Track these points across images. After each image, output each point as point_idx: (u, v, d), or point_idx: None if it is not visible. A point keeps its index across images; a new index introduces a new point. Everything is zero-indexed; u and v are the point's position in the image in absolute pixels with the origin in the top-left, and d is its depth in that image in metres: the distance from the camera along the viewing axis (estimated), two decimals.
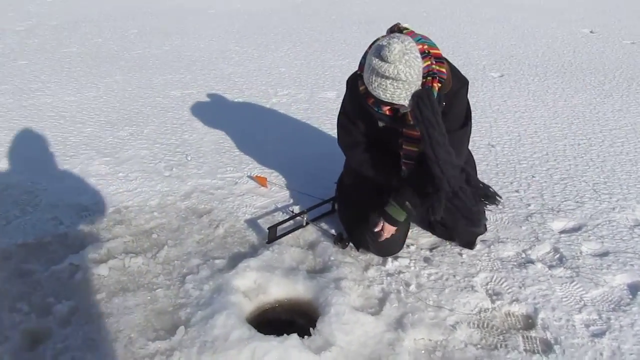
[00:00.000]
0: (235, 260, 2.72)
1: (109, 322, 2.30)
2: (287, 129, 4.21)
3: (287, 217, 2.94)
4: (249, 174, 3.52)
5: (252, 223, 3.04)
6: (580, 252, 2.89)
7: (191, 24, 8.12)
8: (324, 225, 3.00)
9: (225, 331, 2.27)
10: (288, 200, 3.25)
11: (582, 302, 2.57)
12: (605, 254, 2.90)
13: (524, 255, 2.87)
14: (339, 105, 2.65)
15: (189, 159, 3.66)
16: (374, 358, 2.22)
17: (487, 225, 2.99)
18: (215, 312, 2.36)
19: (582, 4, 9.86)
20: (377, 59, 2.11)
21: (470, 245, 2.86)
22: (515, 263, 2.81)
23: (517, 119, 4.55)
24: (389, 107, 2.29)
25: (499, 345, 2.33)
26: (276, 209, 3.17)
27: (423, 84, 2.19)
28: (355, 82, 2.44)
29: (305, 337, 2.27)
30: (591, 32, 7.67)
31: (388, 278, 2.67)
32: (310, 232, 2.97)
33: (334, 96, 4.80)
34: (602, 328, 2.42)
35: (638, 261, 2.84)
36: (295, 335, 2.25)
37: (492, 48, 6.75)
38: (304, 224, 2.94)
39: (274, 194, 3.31)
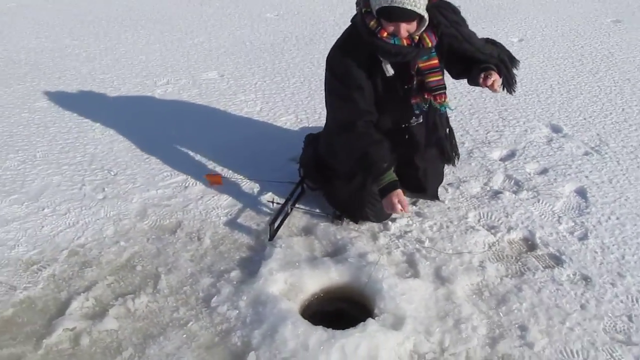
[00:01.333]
0: (248, 267, 2.52)
1: None
2: (195, 118, 3.87)
3: (277, 209, 2.78)
4: (197, 175, 3.19)
5: (234, 224, 2.81)
6: (529, 174, 3.26)
7: None
8: (303, 207, 2.90)
9: (301, 340, 2.12)
10: (252, 191, 3.05)
11: (556, 215, 2.94)
12: (545, 170, 3.31)
13: (488, 189, 3.14)
14: (228, 85, 2.54)
15: (114, 174, 3.18)
16: (442, 316, 2.28)
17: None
18: (275, 324, 2.18)
19: None
20: None
21: (434, 197, 3.01)
22: (487, 197, 3.07)
23: None
24: (407, 37, 2.26)
25: (523, 270, 2.56)
26: (247, 204, 2.96)
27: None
28: (351, 44, 2.37)
29: (376, 318, 2.22)
30: None
31: (400, 240, 2.72)
32: (297, 218, 2.86)
33: (216, 75, 4.53)
34: (583, 231, 2.80)
35: (570, 169, 3.30)
36: (371, 320, 2.20)
37: None
38: (289, 211, 2.81)
39: (233, 188, 3.08)
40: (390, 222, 2.83)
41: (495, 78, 2.34)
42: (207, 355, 2.12)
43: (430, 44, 2.34)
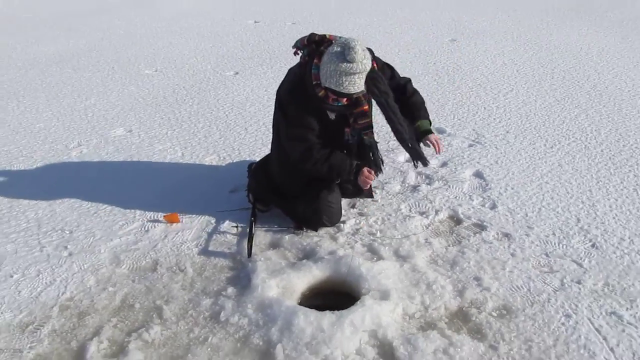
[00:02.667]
0: (239, 283, 2.83)
1: None
2: (124, 170, 3.99)
3: (247, 230, 3.13)
4: (152, 218, 3.40)
5: (207, 252, 3.08)
6: (434, 168, 3.95)
7: None
8: (263, 226, 3.31)
9: (315, 325, 2.48)
10: (211, 223, 3.34)
11: (467, 195, 3.64)
12: (445, 163, 4.05)
13: (407, 185, 3.77)
14: (141, 139, 2.92)
15: (69, 232, 3.27)
16: (415, 283, 2.80)
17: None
18: (288, 319, 2.51)
19: None
20: (344, 63, 2.64)
21: (370, 195, 3.58)
22: (409, 191, 3.68)
23: None
24: (346, 98, 2.82)
25: (459, 239, 3.19)
26: (211, 233, 3.24)
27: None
28: (302, 95, 2.88)
29: (368, 295, 2.67)
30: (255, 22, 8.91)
31: (356, 236, 3.20)
32: (261, 237, 3.21)
33: (124, 132, 4.68)
34: (491, 203, 3.52)
35: (463, 159, 4.06)
36: (367, 296, 2.64)
37: None
38: (254, 232, 3.17)
39: (192, 223, 3.34)
40: (342, 225, 3.30)
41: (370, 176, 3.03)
42: (238, 359, 2.38)
43: (364, 108, 2.96)
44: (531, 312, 2.61)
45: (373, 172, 3.05)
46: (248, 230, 3.15)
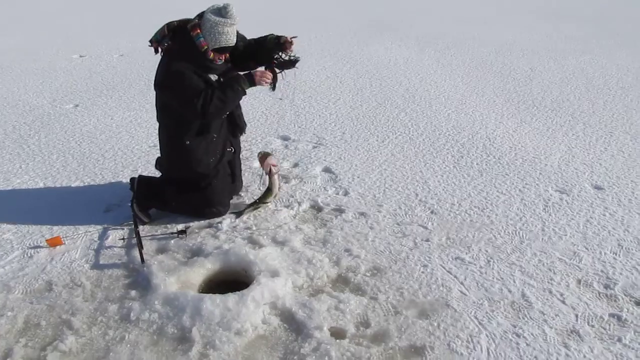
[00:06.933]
0: (139, 286, 3.09)
1: None
2: None
3: (134, 239, 3.39)
4: (32, 245, 3.47)
5: (99, 266, 3.25)
6: (288, 169, 4.52)
7: None
8: (146, 235, 3.58)
9: (221, 306, 2.84)
10: (95, 240, 3.50)
11: (321, 187, 4.26)
12: (297, 164, 4.65)
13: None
14: None
15: None
16: (297, 260, 3.29)
17: None
18: (196, 305, 2.84)
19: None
20: (222, 18, 3.27)
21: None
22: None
23: None
24: (225, 54, 3.44)
25: (324, 222, 3.77)
26: (98, 250, 3.42)
27: None
28: (182, 66, 3.37)
29: (259, 276, 3.12)
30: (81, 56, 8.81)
31: (235, 232, 3.62)
32: (147, 245, 3.48)
33: None
34: (344, 190, 4.19)
35: (311, 159, 4.68)
36: (260, 276, 3.08)
37: None
38: (140, 242, 3.45)
39: (76, 243, 3.48)
40: (219, 225, 3.69)
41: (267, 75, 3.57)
42: (159, 349, 2.66)
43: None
44: (396, 267, 3.25)
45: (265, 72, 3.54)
46: (136, 239, 3.39)
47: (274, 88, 3.64)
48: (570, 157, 4.72)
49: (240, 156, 4.08)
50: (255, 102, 5.96)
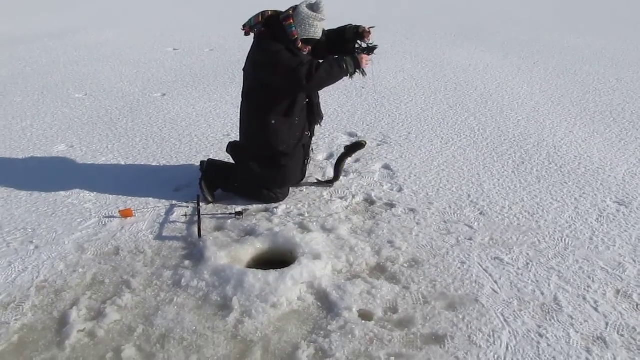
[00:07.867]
0: (193, 257, 3.41)
1: None
2: (70, 177, 4.48)
3: (195, 216, 3.73)
4: (107, 215, 3.92)
5: (162, 237, 3.62)
6: (348, 164, 4.69)
7: None
8: (207, 214, 3.92)
9: (262, 281, 3.10)
10: (162, 214, 3.89)
11: (378, 182, 4.43)
12: (358, 160, 4.81)
13: (326, 178, 4.49)
14: (83, 152, 4.24)
15: (31, 230, 3.71)
16: (340, 247, 3.50)
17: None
18: (240, 278, 3.12)
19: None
20: (314, 12, 3.60)
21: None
22: (324, 185, 4.41)
23: None
24: (310, 47, 3.76)
25: (373, 215, 3.94)
26: (163, 223, 3.80)
27: None
28: (281, 45, 3.66)
29: (302, 257, 3.35)
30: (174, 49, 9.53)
31: (288, 218, 3.88)
32: (206, 223, 3.81)
33: (66, 147, 5.10)
34: (398, 187, 4.33)
35: (373, 156, 4.85)
36: (302, 257, 3.32)
37: None
38: (200, 218, 3.78)
39: (145, 216, 3.88)
40: (274, 209, 3.97)
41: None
42: (201, 312, 2.97)
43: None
44: (434, 262, 3.38)
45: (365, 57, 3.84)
46: (196, 217, 3.74)
47: (364, 73, 3.89)
48: (638, 170, 4.61)
49: (311, 147, 4.34)
50: (329, 100, 6.21)
